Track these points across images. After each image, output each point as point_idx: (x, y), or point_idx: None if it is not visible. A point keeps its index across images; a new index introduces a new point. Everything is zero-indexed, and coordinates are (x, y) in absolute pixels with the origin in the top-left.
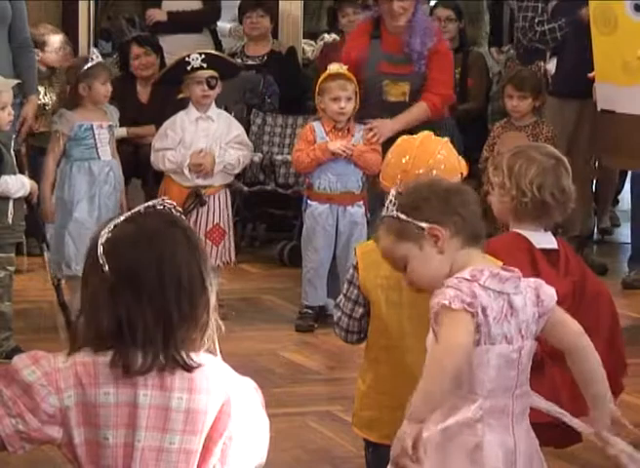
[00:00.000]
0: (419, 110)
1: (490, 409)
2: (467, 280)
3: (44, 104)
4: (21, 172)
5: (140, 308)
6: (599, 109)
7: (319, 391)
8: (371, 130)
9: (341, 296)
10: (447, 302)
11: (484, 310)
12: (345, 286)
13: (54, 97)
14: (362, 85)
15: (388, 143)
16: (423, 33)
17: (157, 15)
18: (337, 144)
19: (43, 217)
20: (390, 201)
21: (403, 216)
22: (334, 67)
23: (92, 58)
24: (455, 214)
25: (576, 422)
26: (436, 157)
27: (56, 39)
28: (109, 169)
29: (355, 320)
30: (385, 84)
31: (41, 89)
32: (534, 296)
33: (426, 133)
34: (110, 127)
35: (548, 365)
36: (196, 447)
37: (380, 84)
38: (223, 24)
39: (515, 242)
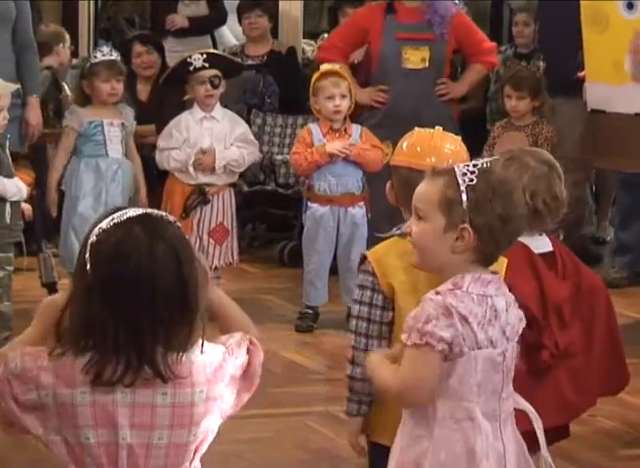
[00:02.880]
0: (477, 71)
1: (481, 414)
2: (450, 290)
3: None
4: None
5: (110, 315)
6: (589, 109)
7: (319, 391)
8: (442, 83)
9: (356, 305)
10: (405, 337)
11: (464, 319)
12: (368, 294)
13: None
14: (377, 55)
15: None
16: (443, 3)
17: (178, 20)
18: (334, 145)
19: (46, 209)
20: (476, 165)
21: (464, 198)
22: (326, 66)
23: (95, 56)
24: (498, 238)
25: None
26: (444, 152)
27: (67, 36)
28: (118, 167)
29: (383, 324)
30: (405, 51)
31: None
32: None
33: (439, 128)
34: (123, 125)
35: (556, 367)
36: (186, 439)
37: (398, 51)
38: (229, 39)
39: (515, 251)
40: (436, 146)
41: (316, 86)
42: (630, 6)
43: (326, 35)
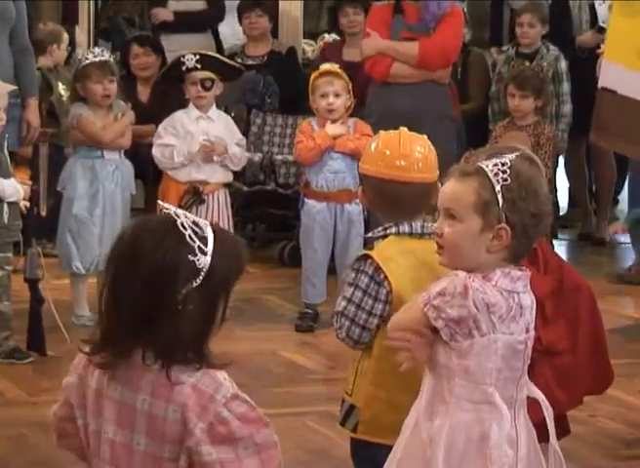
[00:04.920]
0: (409, 45)
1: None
2: (479, 280)
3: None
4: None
5: (108, 307)
6: (600, 86)
7: (319, 391)
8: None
9: (350, 306)
10: (424, 301)
11: (485, 306)
12: (359, 295)
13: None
14: None
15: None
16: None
17: (163, 14)
18: (335, 127)
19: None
20: (505, 164)
21: (500, 199)
22: (324, 66)
23: (86, 58)
24: (531, 236)
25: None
26: (414, 155)
27: (66, 36)
28: (115, 167)
29: (368, 331)
30: None
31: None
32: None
33: (405, 129)
34: None
35: (540, 362)
36: (161, 454)
37: None
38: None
39: None
40: (405, 150)
41: (313, 85)
42: None
43: (326, 35)
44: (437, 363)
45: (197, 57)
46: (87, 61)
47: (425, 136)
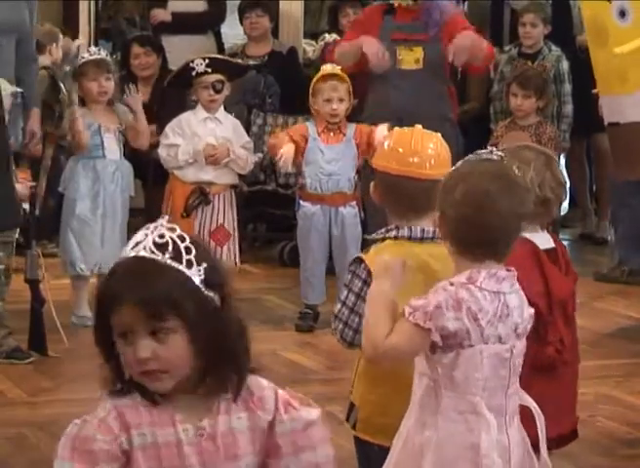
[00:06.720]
0: (470, 33)
1: (486, 408)
2: (464, 284)
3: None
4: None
5: None
6: (606, 123)
7: (319, 391)
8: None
9: (344, 309)
10: (409, 313)
11: (473, 315)
12: (352, 299)
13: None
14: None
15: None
16: (441, 4)
17: (161, 15)
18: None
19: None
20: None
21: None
22: (327, 68)
23: (82, 58)
24: (470, 233)
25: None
26: (427, 152)
27: (61, 36)
28: (116, 168)
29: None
30: (399, 52)
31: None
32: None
33: (418, 127)
34: (119, 130)
35: (559, 370)
36: None
37: (392, 52)
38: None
39: (521, 247)
40: (417, 147)
41: (315, 87)
42: (622, 14)
43: (327, 35)
44: (424, 374)
45: (207, 61)
46: (84, 60)
47: (439, 134)
